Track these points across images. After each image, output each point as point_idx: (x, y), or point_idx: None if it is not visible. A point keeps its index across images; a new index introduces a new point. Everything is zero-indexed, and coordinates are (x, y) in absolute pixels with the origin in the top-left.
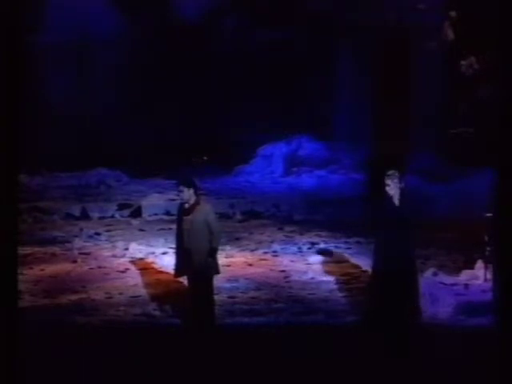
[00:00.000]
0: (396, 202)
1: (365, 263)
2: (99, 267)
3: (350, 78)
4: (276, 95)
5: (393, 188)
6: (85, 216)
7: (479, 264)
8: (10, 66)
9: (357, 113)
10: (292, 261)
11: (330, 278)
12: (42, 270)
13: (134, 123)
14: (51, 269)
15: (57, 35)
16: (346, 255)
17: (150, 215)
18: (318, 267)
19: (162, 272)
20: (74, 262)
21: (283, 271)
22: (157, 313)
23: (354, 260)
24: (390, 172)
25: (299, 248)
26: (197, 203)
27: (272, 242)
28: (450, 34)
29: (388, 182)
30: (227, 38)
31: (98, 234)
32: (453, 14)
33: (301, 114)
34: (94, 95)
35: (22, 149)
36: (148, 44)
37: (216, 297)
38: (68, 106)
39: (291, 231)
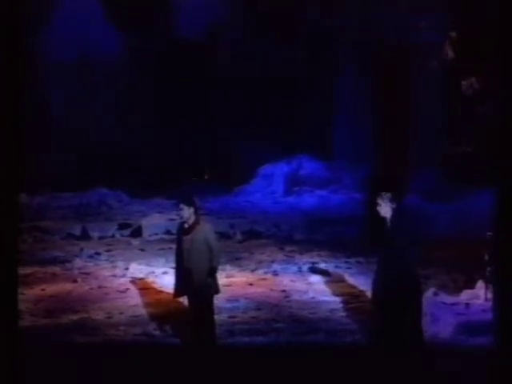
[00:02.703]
0: (388, 222)
1: (365, 283)
2: (99, 287)
3: (349, 96)
4: (276, 114)
5: (383, 207)
6: (85, 236)
7: (480, 283)
8: (11, 86)
9: (357, 132)
10: (292, 280)
11: (331, 298)
12: (43, 289)
13: (134, 143)
14: (52, 288)
15: (58, 54)
16: (346, 275)
17: (150, 235)
18: (318, 287)
19: (162, 292)
20: (75, 281)
21: (284, 291)
22: (157, 332)
23: (354, 280)
24: (382, 192)
25: (299, 268)
26: (196, 223)
27: (272, 261)
28: (451, 54)
29: (379, 201)
30: (227, 58)
31: (98, 253)
32: (453, 33)
33: (301, 133)
34: (95, 115)
35: (23, 168)
36: (148, 63)
37: (216, 316)
38: (69, 125)
39: (291, 251)
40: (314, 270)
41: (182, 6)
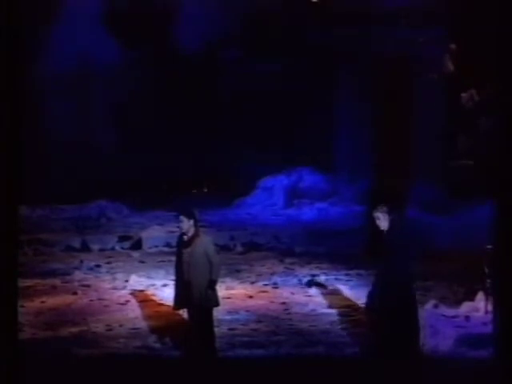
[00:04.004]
0: (386, 233)
1: (365, 295)
2: (99, 299)
3: (350, 110)
4: (276, 127)
5: (382, 221)
6: (85, 248)
7: (480, 296)
8: (11, 99)
9: (357, 145)
10: (292, 293)
11: (331, 310)
12: (43, 302)
13: (134, 155)
14: (52, 301)
15: (57, 66)
16: (346, 287)
17: (150, 247)
18: (318, 299)
19: (162, 304)
20: (75, 294)
21: (284, 303)
22: (157, 345)
23: (354, 292)
24: (378, 205)
25: (300, 280)
26: (196, 235)
27: (272, 274)
28: (450, 67)
29: (376, 214)
30: (227, 71)
31: (98, 266)
32: (453, 46)
33: (301, 146)
34: (95, 127)
35: (23, 180)
36: (148, 76)
37: (216, 329)
38: (68, 137)
39: (292, 263)
40: (311, 283)
41: (182, 17)
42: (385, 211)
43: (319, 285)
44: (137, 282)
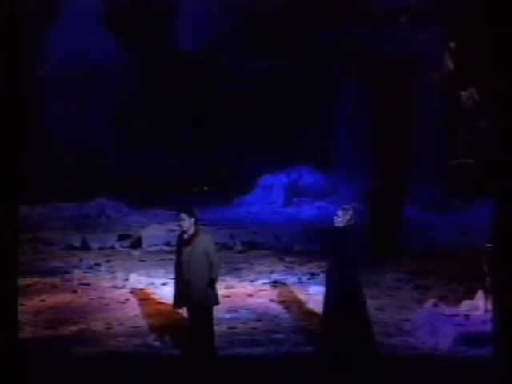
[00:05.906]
0: (339, 232)
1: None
2: (99, 298)
3: (349, 110)
4: (276, 126)
5: (341, 221)
6: (85, 247)
7: (479, 294)
8: (11, 99)
9: (357, 144)
10: (292, 291)
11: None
12: (43, 300)
13: (134, 154)
14: (51, 300)
15: (57, 67)
16: None
17: (150, 246)
18: (317, 298)
19: (161, 303)
20: (74, 292)
21: (283, 302)
22: (157, 343)
23: None
24: (345, 206)
25: (299, 278)
26: (196, 234)
27: (272, 272)
28: (450, 65)
29: (339, 213)
30: (227, 71)
31: (98, 264)
32: (453, 45)
33: (301, 144)
34: (95, 126)
35: (23, 179)
36: (148, 76)
37: (216, 328)
38: (68, 136)
39: (291, 262)
40: (276, 283)
41: (182, 17)
42: (346, 213)
43: (283, 284)
44: (136, 280)
